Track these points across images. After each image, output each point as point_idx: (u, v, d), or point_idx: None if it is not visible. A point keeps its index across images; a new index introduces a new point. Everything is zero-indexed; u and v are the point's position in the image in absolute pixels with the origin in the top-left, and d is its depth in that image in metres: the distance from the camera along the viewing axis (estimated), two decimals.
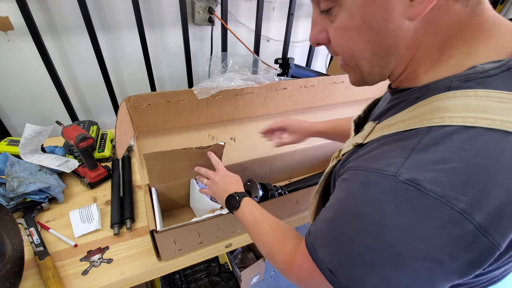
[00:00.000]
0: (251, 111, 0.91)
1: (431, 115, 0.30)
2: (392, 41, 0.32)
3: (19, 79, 1.06)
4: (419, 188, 0.27)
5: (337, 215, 0.35)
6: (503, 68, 0.28)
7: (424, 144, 0.29)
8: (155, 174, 0.73)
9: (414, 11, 0.29)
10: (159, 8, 1.14)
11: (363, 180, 0.32)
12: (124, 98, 0.69)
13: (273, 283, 1.52)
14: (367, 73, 0.36)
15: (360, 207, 0.31)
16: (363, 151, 0.36)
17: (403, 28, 0.30)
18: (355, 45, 0.34)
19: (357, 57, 0.35)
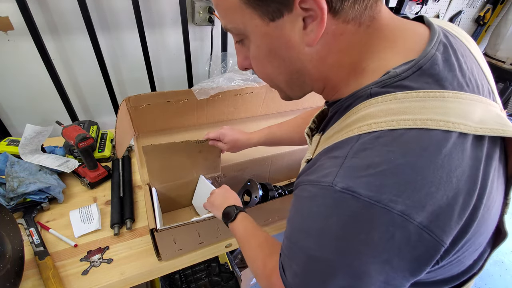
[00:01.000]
0: (251, 111, 0.91)
1: (359, 123, 0.31)
2: (299, 64, 0.35)
3: (19, 79, 1.06)
4: (355, 195, 0.28)
5: (291, 232, 0.36)
6: (414, 69, 0.30)
7: (354, 151, 0.30)
8: (155, 171, 0.73)
9: (309, 39, 0.32)
10: (159, 8, 1.14)
11: (306, 194, 0.33)
12: (124, 98, 0.69)
13: None
14: (289, 92, 0.41)
15: (306, 223, 0.32)
16: (308, 165, 0.37)
17: (305, 53, 0.33)
18: (270, 71, 0.38)
19: (274, 80, 0.40)
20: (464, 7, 1.87)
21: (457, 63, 0.32)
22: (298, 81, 0.38)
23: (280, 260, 0.39)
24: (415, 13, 1.78)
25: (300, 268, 0.34)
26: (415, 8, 1.75)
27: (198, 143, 0.70)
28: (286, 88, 0.40)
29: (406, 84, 0.30)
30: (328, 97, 0.40)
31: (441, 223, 0.27)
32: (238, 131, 0.75)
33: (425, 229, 0.27)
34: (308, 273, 0.33)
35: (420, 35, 0.34)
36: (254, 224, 0.58)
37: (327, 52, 0.34)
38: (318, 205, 0.31)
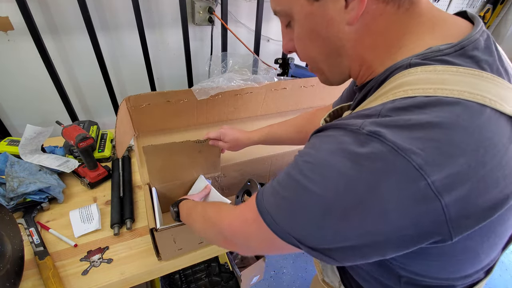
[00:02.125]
0: (251, 111, 0.91)
1: (395, 90, 0.31)
2: (338, 43, 0.37)
3: (19, 79, 1.06)
4: (381, 139, 0.28)
5: (294, 164, 0.35)
6: (456, 48, 0.31)
7: (387, 109, 0.30)
8: (155, 171, 0.73)
9: (350, 17, 0.33)
10: (159, 8, 1.14)
11: (328, 133, 0.33)
12: (124, 98, 0.69)
13: (273, 283, 1.52)
14: (328, 74, 0.42)
15: (321, 155, 0.32)
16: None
17: (345, 32, 0.35)
18: (310, 51, 0.40)
19: (315, 60, 0.41)
20: (464, 7, 1.87)
21: (497, 52, 0.32)
22: (336, 61, 0.39)
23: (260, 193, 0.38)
24: None
25: (290, 199, 0.33)
26: None
27: (198, 143, 0.70)
28: (326, 68, 0.41)
29: (447, 59, 0.30)
30: (363, 78, 0.40)
31: (454, 191, 0.26)
32: (238, 130, 0.76)
33: (435, 190, 0.26)
34: (303, 202, 0.32)
35: (460, 25, 0.34)
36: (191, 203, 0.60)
37: (365, 32, 0.35)
38: (339, 142, 0.31)
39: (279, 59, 1.17)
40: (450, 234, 0.28)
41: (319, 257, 0.33)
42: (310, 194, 0.31)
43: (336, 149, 0.30)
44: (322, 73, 0.43)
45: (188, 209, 0.60)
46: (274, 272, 1.58)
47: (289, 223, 0.33)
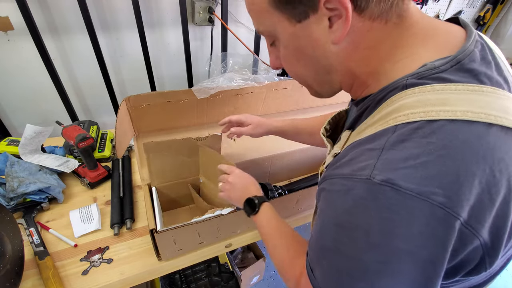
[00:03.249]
0: (251, 111, 0.91)
1: (395, 114, 0.30)
2: (326, 62, 0.36)
3: (19, 79, 1.06)
4: (395, 187, 0.27)
5: (322, 227, 0.34)
6: (452, 63, 0.30)
7: (392, 143, 0.29)
8: (156, 169, 0.73)
9: (335, 37, 0.33)
10: (159, 8, 1.14)
11: (339, 188, 0.32)
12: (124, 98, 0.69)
13: (273, 283, 1.52)
14: (318, 89, 0.42)
15: (341, 217, 0.31)
16: (336, 159, 0.37)
17: (331, 50, 0.34)
18: (298, 69, 0.40)
19: (303, 78, 0.41)
20: (464, 7, 1.87)
21: (494, 61, 0.32)
22: (326, 78, 0.39)
23: (307, 260, 0.37)
24: None
25: (330, 266, 0.33)
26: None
27: (199, 140, 0.70)
28: (315, 85, 0.41)
29: (444, 76, 0.29)
30: (357, 94, 0.39)
31: (482, 218, 0.26)
32: (257, 116, 0.75)
33: (466, 224, 0.26)
34: (340, 271, 0.31)
35: (453, 34, 0.33)
36: (277, 217, 0.56)
37: (353, 49, 0.34)
38: (354, 198, 0.29)
39: None
40: (485, 266, 0.28)
41: None
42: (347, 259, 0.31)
43: (353, 207, 0.30)
44: (311, 88, 0.43)
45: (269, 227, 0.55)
46: (274, 272, 1.58)
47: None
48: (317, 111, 1.02)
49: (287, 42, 0.37)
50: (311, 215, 0.94)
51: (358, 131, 0.37)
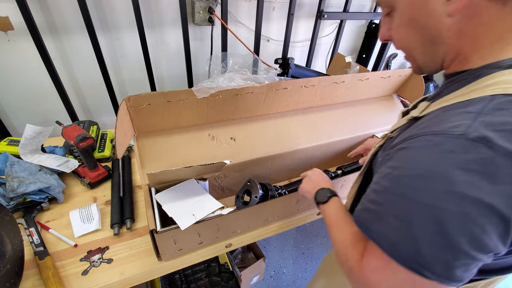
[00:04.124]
0: (251, 111, 0.91)
1: (494, 86, 0.33)
2: (436, 32, 0.38)
3: (19, 79, 1.06)
4: (489, 144, 0.29)
5: (396, 181, 0.35)
6: None
7: (489, 109, 0.31)
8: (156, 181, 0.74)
9: (451, 9, 0.35)
10: (159, 8, 1.14)
11: (426, 143, 0.33)
12: (124, 98, 0.69)
13: (273, 283, 1.52)
14: (421, 62, 0.43)
15: (426, 167, 0.32)
16: (420, 121, 0.39)
17: (444, 22, 0.36)
18: (407, 39, 0.42)
19: (410, 48, 0.43)
20: None
21: None
22: (431, 50, 0.40)
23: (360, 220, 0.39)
24: None
25: (403, 218, 0.33)
26: None
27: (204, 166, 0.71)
28: (419, 57, 0.43)
29: None
30: (453, 68, 0.41)
31: None
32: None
33: None
34: (415, 221, 0.32)
35: None
36: (345, 211, 0.57)
37: (466, 24, 0.36)
38: (442, 151, 0.31)
39: (279, 59, 1.17)
40: None
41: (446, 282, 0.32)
42: (424, 208, 0.31)
43: (440, 158, 0.31)
44: (414, 61, 0.44)
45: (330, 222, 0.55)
46: (274, 272, 1.58)
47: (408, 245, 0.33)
48: (317, 111, 1.02)
49: (403, 10, 0.39)
50: (311, 215, 0.94)
51: (443, 100, 0.39)
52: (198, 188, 0.76)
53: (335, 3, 1.50)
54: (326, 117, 1.03)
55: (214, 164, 0.71)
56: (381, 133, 1.10)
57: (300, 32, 1.52)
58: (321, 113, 1.03)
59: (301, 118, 0.99)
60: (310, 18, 1.48)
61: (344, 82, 0.97)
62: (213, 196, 0.74)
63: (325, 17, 1.40)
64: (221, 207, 0.70)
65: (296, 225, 0.90)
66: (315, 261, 1.66)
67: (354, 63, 1.26)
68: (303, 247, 1.73)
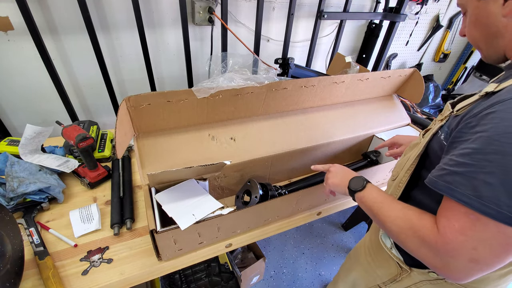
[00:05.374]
0: (251, 111, 0.91)
1: None
2: (494, 29, 0.48)
3: (19, 79, 1.06)
4: None
5: (490, 140, 0.39)
6: None
7: None
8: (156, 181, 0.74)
9: (505, 11, 0.46)
10: (159, 8, 1.14)
11: None
12: (124, 98, 0.69)
13: (273, 283, 1.52)
14: (485, 52, 0.53)
15: None
16: (501, 92, 0.44)
17: (501, 21, 0.47)
18: (474, 34, 0.53)
19: (477, 41, 0.53)
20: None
21: None
22: (493, 42, 0.50)
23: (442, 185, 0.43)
24: (415, 13, 1.78)
25: (499, 173, 0.37)
26: (415, 8, 1.75)
27: (204, 167, 0.71)
28: (484, 48, 0.53)
29: None
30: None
31: None
32: (405, 135, 0.89)
33: None
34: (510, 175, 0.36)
35: None
36: (385, 192, 0.59)
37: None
38: None
39: (279, 59, 1.17)
40: None
41: None
42: None
43: None
44: (481, 50, 0.54)
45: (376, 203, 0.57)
46: (274, 272, 1.58)
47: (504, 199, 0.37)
48: (317, 111, 1.02)
49: (472, 11, 0.51)
50: (311, 215, 0.94)
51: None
52: (198, 188, 0.76)
53: (335, 3, 1.50)
54: (326, 117, 1.03)
55: (214, 165, 0.71)
56: (381, 133, 1.10)
57: (300, 32, 1.52)
58: (321, 113, 1.03)
59: (301, 118, 0.99)
60: (310, 18, 1.48)
61: (344, 82, 0.97)
62: (213, 196, 0.74)
63: (325, 17, 1.40)
64: (221, 207, 0.70)
65: (296, 225, 0.90)
66: (315, 261, 1.66)
67: (354, 63, 1.26)
68: (303, 247, 1.73)
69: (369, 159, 1.08)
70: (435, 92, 2.17)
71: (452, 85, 2.55)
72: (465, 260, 0.40)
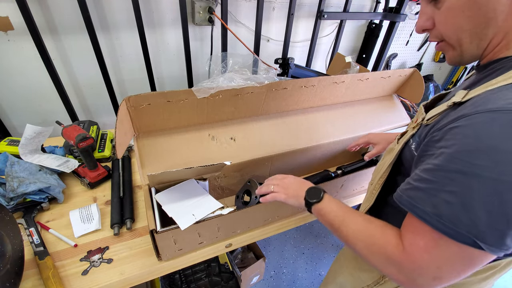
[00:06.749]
0: (251, 111, 0.91)
1: None
2: (492, 14, 0.39)
3: (19, 79, 1.06)
4: None
5: (452, 158, 0.36)
6: None
7: None
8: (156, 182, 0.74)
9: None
10: (159, 8, 1.14)
11: (483, 119, 0.35)
12: (124, 98, 0.69)
13: (273, 283, 1.52)
14: (466, 46, 0.43)
15: (487, 141, 0.34)
16: (467, 104, 0.40)
17: (501, 3, 0.38)
18: (459, 21, 0.41)
19: (459, 31, 0.42)
20: None
21: None
22: (482, 32, 0.41)
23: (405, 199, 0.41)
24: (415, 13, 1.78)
25: (460, 193, 0.35)
26: (415, 8, 1.75)
27: (204, 167, 0.71)
28: (467, 41, 0.42)
29: None
30: (493, 55, 0.43)
31: None
32: (378, 133, 0.84)
33: None
34: (474, 195, 0.34)
35: None
36: (345, 204, 0.56)
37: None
38: (502, 125, 0.33)
39: (279, 59, 1.17)
40: None
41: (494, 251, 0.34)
42: (485, 182, 0.33)
43: (502, 133, 0.33)
44: (459, 46, 0.44)
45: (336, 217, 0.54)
46: (274, 272, 1.58)
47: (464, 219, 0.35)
48: (317, 111, 1.02)
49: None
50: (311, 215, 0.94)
51: (485, 86, 0.40)
52: (198, 188, 0.76)
53: (335, 3, 1.50)
54: (326, 117, 1.03)
55: (214, 165, 0.71)
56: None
57: (300, 32, 1.52)
58: (321, 113, 1.03)
59: (301, 118, 0.99)
60: (310, 18, 1.48)
61: (344, 82, 0.97)
62: (213, 196, 0.74)
63: (325, 17, 1.40)
64: (221, 207, 0.70)
65: (296, 225, 0.90)
66: (315, 261, 1.66)
67: (354, 63, 1.26)
68: (303, 247, 1.73)
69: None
70: (435, 92, 2.17)
71: (452, 85, 2.55)
72: (430, 278, 0.39)
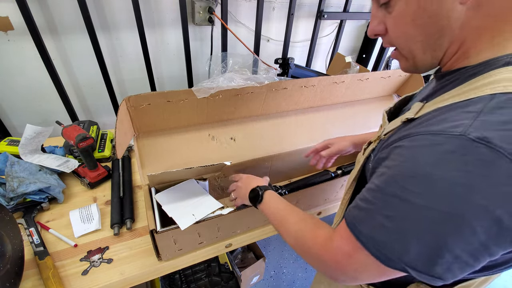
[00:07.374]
0: (251, 111, 0.91)
1: (493, 85, 0.32)
2: (445, 22, 0.35)
3: (19, 79, 1.06)
4: (490, 145, 0.28)
5: (390, 181, 0.34)
6: None
7: (490, 108, 0.30)
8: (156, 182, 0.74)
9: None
10: (159, 8, 1.14)
11: (425, 142, 0.32)
12: (124, 98, 0.69)
13: (273, 283, 1.52)
14: (420, 57, 0.40)
15: (422, 168, 0.31)
16: (417, 122, 0.37)
17: (456, 10, 0.34)
18: (410, 30, 0.38)
19: (410, 41, 0.39)
20: None
21: None
22: (436, 42, 0.37)
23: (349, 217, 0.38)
24: None
25: (395, 218, 0.33)
26: None
27: (204, 167, 0.71)
28: (419, 52, 0.39)
29: None
30: (450, 65, 0.39)
31: None
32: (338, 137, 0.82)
33: None
34: (407, 222, 0.32)
35: None
36: (283, 200, 0.56)
37: (475, 14, 0.34)
38: (441, 151, 0.30)
39: (279, 59, 1.17)
40: None
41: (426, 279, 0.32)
42: (418, 209, 0.31)
43: (439, 159, 0.30)
44: (411, 57, 0.41)
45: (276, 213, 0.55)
46: (274, 272, 1.58)
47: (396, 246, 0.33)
48: (317, 111, 1.02)
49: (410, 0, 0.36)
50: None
51: (438, 100, 0.38)
52: (198, 188, 0.76)
53: (335, 3, 1.50)
54: (326, 117, 1.03)
55: (214, 165, 0.71)
56: None
57: (300, 32, 1.52)
58: (321, 113, 1.03)
59: (301, 118, 0.99)
60: (310, 18, 1.48)
61: (344, 82, 0.97)
62: (213, 196, 0.74)
63: (325, 17, 1.40)
64: (221, 207, 0.70)
65: None
66: None
67: (354, 63, 1.26)
68: None
69: None
70: None
71: None
72: (350, 277, 0.39)
